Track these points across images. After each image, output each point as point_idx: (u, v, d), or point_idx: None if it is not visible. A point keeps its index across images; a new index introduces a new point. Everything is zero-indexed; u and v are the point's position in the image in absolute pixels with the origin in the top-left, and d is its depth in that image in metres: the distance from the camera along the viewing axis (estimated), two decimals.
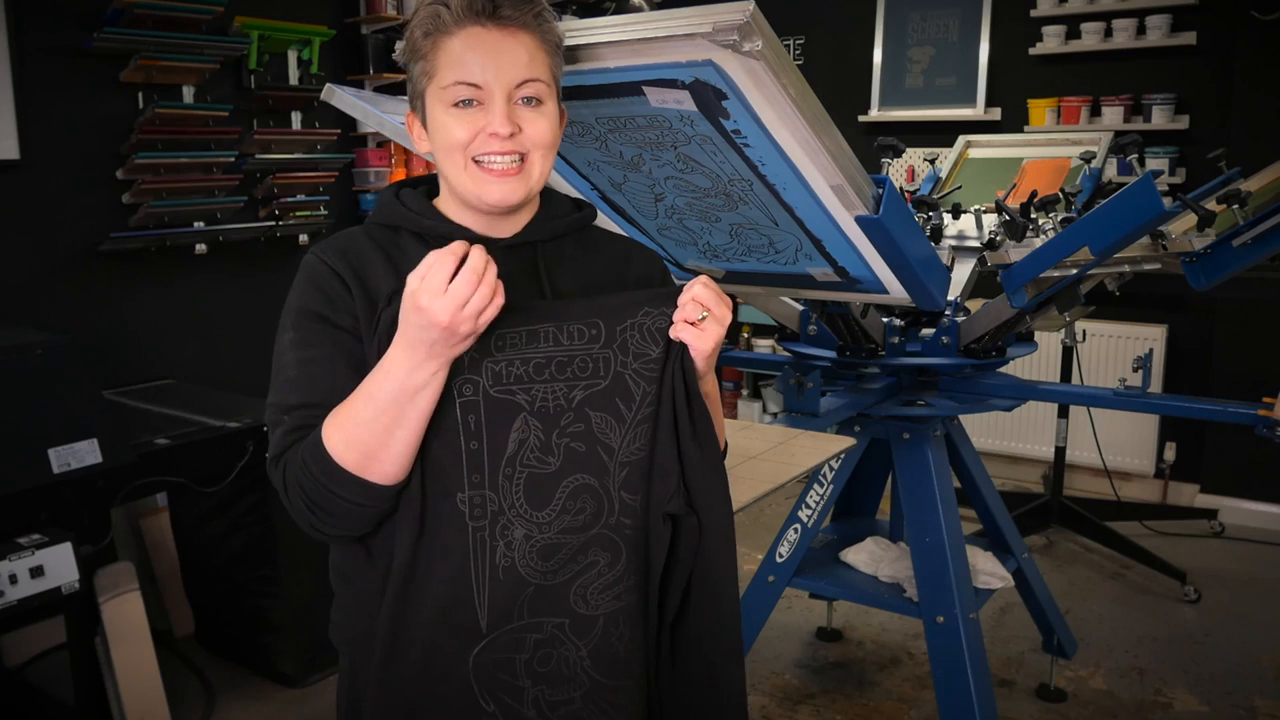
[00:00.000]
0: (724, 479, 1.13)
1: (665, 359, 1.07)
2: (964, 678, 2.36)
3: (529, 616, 1.06)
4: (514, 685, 1.06)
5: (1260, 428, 2.16)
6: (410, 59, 1.11)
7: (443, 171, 1.13)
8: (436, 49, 1.08)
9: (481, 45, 1.07)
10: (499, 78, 1.07)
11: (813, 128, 1.41)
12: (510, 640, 1.06)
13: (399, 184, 1.22)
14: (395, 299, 1.04)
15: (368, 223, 1.18)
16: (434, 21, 1.07)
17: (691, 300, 1.06)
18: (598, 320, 1.07)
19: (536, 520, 1.05)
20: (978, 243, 2.45)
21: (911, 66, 4.75)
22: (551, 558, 1.05)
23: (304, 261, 1.14)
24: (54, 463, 2.28)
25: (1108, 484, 4.27)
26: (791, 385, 2.29)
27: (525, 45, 1.08)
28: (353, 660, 1.16)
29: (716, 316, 1.06)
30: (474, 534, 1.04)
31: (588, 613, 1.07)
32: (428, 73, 1.09)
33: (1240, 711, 2.79)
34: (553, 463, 1.05)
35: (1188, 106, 4.13)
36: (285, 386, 1.08)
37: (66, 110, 3.26)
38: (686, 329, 1.06)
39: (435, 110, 1.10)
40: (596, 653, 1.08)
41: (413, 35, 1.09)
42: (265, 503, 2.82)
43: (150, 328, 3.54)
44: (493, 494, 1.04)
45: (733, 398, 5.33)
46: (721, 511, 1.11)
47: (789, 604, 3.38)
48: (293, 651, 2.89)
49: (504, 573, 1.05)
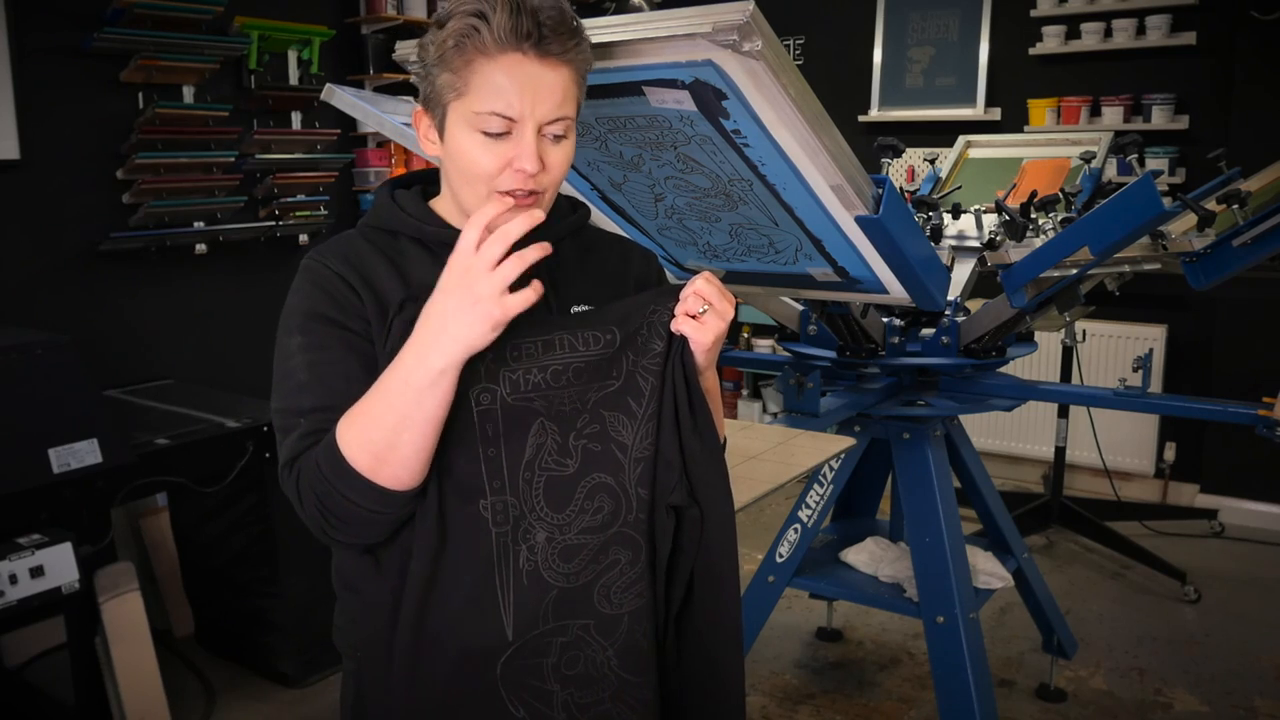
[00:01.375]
0: (725, 471, 1.14)
1: (667, 353, 1.07)
2: (964, 678, 2.36)
3: (554, 620, 1.05)
4: (543, 690, 1.06)
5: (1260, 428, 2.16)
6: (437, 65, 1.05)
7: (453, 187, 1.11)
8: (471, 68, 1.03)
9: (522, 77, 1.03)
10: (534, 112, 1.04)
11: (812, 128, 1.41)
12: (536, 645, 1.05)
13: (392, 183, 1.20)
14: (407, 306, 1.04)
15: (364, 225, 1.17)
16: (471, 37, 1.02)
17: (693, 294, 1.06)
18: (612, 326, 1.07)
19: (557, 522, 1.05)
20: (978, 243, 2.45)
21: (911, 66, 4.75)
22: (573, 559, 1.05)
23: (304, 266, 1.12)
24: (54, 463, 2.28)
25: (1108, 484, 4.27)
26: (791, 385, 2.29)
27: (563, 80, 1.05)
28: (359, 665, 1.16)
29: (718, 311, 1.06)
30: (497, 540, 1.04)
31: (612, 612, 1.07)
32: (457, 89, 1.04)
33: (1240, 711, 2.79)
34: (571, 464, 1.05)
35: (1188, 106, 4.13)
36: (296, 390, 1.06)
37: (66, 110, 3.26)
38: (687, 322, 1.06)
39: (459, 129, 1.06)
40: (623, 651, 1.08)
41: (443, 42, 1.04)
42: (265, 503, 2.82)
43: (150, 328, 3.54)
44: (513, 499, 1.04)
45: (733, 398, 5.33)
46: (723, 503, 1.12)
47: (789, 604, 3.38)
48: (293, 651, 2.89)
49: (528, 577, 1.05)
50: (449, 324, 0.96)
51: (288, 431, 1.07)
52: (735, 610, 1.14)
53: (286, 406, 1.07)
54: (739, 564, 1.15)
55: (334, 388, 1.05)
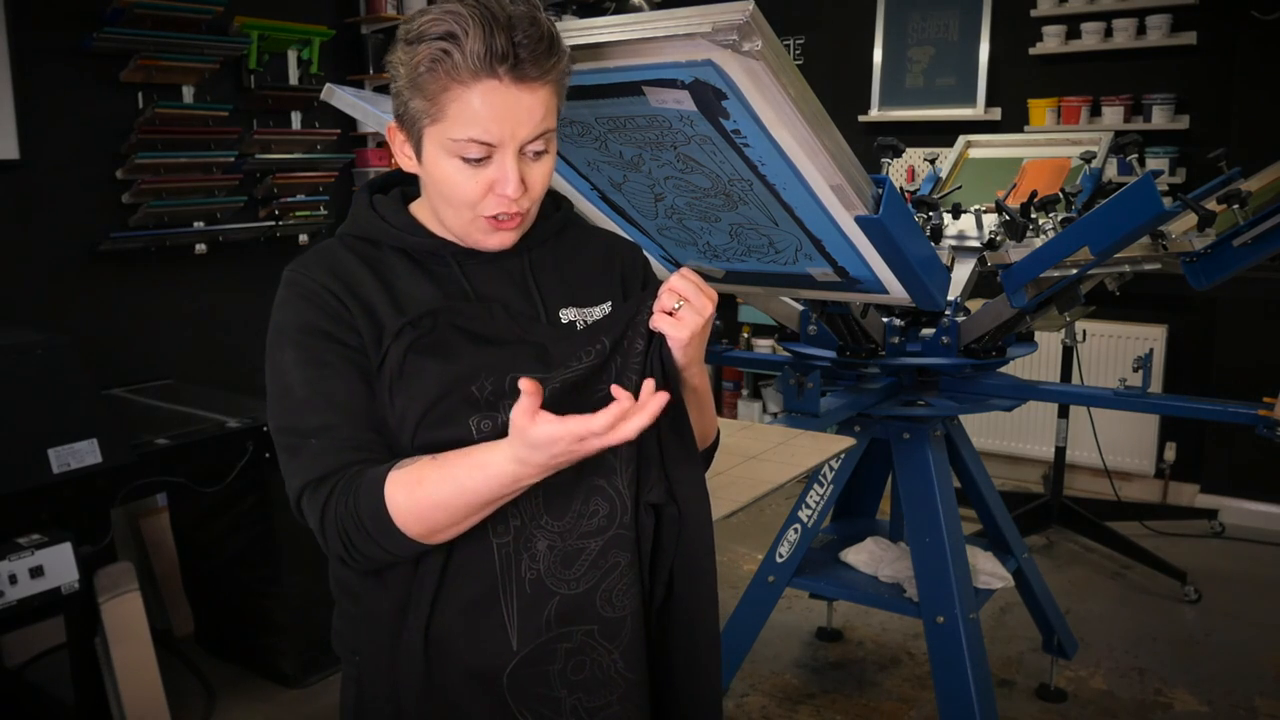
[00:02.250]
0: (701, 469, 1.14)
1: (646, 351, 1.07)
2: (964, 678, 2.36)
3: (558, 627, 1.05)
4: (550, 696, 1.06)
5: (1260, 428, 2.16)
6: (409, 89, 1.02)
7: (435, 205, 1.10)
8: (446, 95, 1.00)
9: (499, 103, 1.00)
10: (514, 135, 1.02)
11: (812, 128, 1.41)
12: (542, 653, 1.05)
13: (370, 186, 1.18)
14: (405, 331, 1.03)
15: (344, 234, 1.14)
16: (443, 62, 0.99)
17: (668, 290, 1.05)
18: (602, 336, 1.07)
19: (558, 529, 1.05)
20: (978, 243, 2.45)
21: (911, 66, 4.75)
22: (573, 564, 1.06)
23: (288, 279, 1.09)
24: (54, 463, 2.28)
25: (1108, 484, 4.26)
26: (791, 385, 2.28)
27: (542, 100, 1.02)
28: (360, 670, 1.15)
29: (694, 306, 1.04)
30: (499, 550, 1.04)
31: (614, 615, 1.07)
32: (432, 115, 1.02)
33: (1240, 711, 2.79)
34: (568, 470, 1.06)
35: (1188, 106, 4.12)
36: (297, 408, 1.04)
37: (66, 110, 3.26)
38: (663, 319, 1.04)
39: (437, 154, 1.04)
40: (628, 653, 1.07)
41: (414, 65, 1.00)
42: (265, 503, 2.82)
43: (150, 328, 3.54)
44: (514, 509, 1.04)
45: (733, 398, 5.33)
46: (700, 501, 1.12)
47: (789, 604, 3.37)
48: (293, 651, 2.89)
49: (531, 585, 1.05)
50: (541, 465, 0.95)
51: (295, 452, 1.04)
52: (713, 609, 1.15)
53: (289, 425, 1.05)
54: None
55: (337, 404, 1.04)
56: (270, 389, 1.07)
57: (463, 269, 1.12)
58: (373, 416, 1.04)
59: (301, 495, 1.04)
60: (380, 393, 1.04)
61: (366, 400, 1.04)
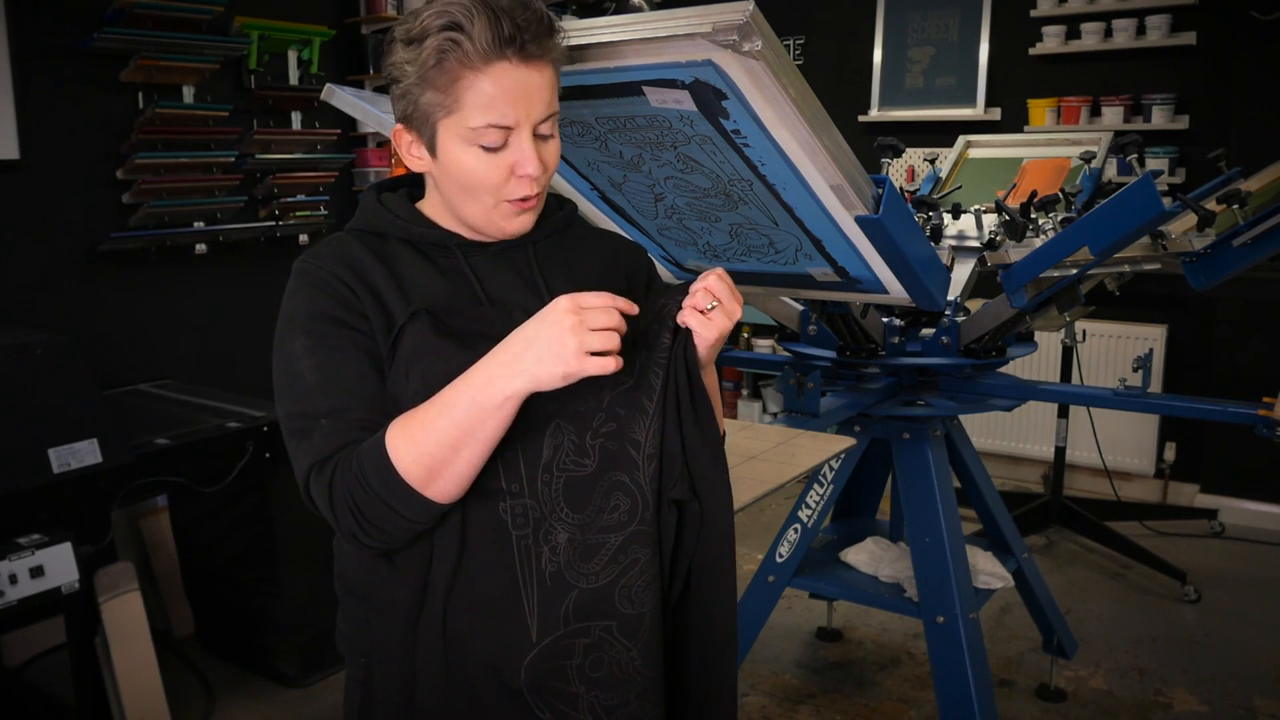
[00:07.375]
0: (725, 466, 1.14)
1: (671, 345, 1.08)
2: (964, 678, 2.36)
3: (575, 621, 1.05)
4: (568, 692, 1.05)
5: (1260, 428, 2.16)
6: (419, 85, 1.04)
7: (452, 199, 1.11)
8: (460, 84, 1.02)
9: (512, 85, 1.03)
10: (529, 114, 1.04)
11: (812, 128, 1.41)
12: (560, 647, 1.05)
13: (378, 186, 1.20)
14: (418, 316, 1.04)
15: (352, 229, 1.16)
16: (452, 51, 1.01)
17: (703, 289, 1.06)
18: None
19: (578, 522, 1.05)
20: (978, 243, 2.45)
21: (911, 66, 4.75)
22: (593, 558, 1.05)
23: (299, 269, 1.10)
24: (54, 463, 2.28)
25: (1108, 484, 4.27)
26: (791, 385, 2.29)
27: (547, 78, 1.06)
28: (369, 671, 1.14)
29: (726, 309, 1.06)
30: (518, 543, 1.04)
31: (633, 612, 1.06)
32: (446, 107, 1.03)
33: (1240, 711, 2.79)
34: (589, 464, 1.05)
35: (1188, 106, 4.12)
36: (308, 393, 1.04)
37: (66, 110, 3.26)
38: (694, 315, 1.06)
39: (453, 146, 1.05)
40: (646, 651, 1.07)
41: (423, 61, 1.02)
42: (265, 503, 2.82)
43: (150, 328, 3.54)
44: (533, 501, 1.04)
45: (733, 398, 5.33)
46: (722, 498, 1.12)
47: (789, 604, 3.38)
48: (293, 651, 2.89)
49: (550, 578, 1.04)
50: (528, 353, 0.96)
51: (304, 435, 1.04)
52: (731, 607, 1.15)
53: (299, 410, 1.05)
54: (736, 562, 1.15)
55: (348, 388, 1.04)
56: (280, 378, 1.07)
57: (468, 260, 1.13)
58: (382, 400, 1.05)
59: (309, 476, 1.04)
60: (395, 372, 1.04)
61: (377, 385, 1.04)
